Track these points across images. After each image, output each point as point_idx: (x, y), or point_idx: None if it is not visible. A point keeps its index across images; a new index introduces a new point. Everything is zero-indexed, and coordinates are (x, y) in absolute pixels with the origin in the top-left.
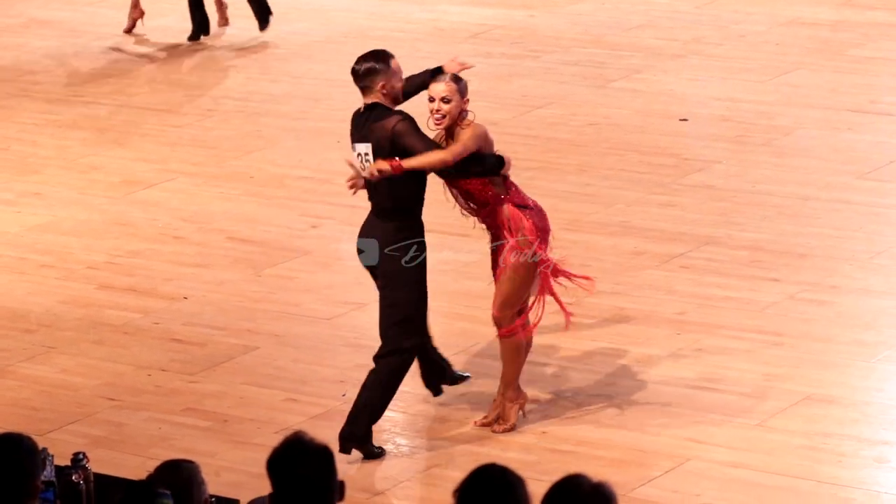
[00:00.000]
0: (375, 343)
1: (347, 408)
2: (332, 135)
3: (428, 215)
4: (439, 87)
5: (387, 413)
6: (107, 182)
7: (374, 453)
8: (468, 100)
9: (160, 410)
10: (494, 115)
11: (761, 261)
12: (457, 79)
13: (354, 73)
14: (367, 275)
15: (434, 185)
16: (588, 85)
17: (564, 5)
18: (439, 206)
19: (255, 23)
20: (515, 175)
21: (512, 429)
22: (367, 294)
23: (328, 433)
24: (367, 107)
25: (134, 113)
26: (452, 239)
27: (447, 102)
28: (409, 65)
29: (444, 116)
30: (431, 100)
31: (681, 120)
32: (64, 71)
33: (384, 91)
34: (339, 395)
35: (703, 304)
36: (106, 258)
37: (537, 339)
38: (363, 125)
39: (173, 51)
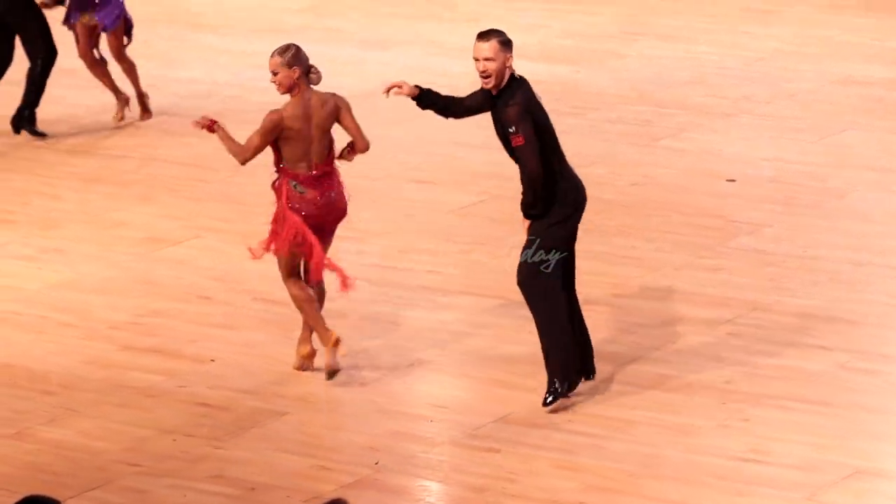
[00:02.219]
0: (409, 409)
1: (380, 477)
2: (366, 193)
3: (465, 279)
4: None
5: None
6: (131, 238)
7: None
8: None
9: (185, 477)
10: None
11: (811, 328)
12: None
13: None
14: (401, 338)
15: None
16: (633, 143)
17: (609, 61)
18: (479, 269)
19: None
20: None
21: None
22: (401, 359)
23: (360, 503)
24: None
25: (160, 167)
26: (493, 302)
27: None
28: (445, 121)
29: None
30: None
31: (728, 181)
32: (88, 122)
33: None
34: (371, 463)
35: (750, 372)
36: (129, 318)
37: (578, 410)
38: None
39: (201, 102)
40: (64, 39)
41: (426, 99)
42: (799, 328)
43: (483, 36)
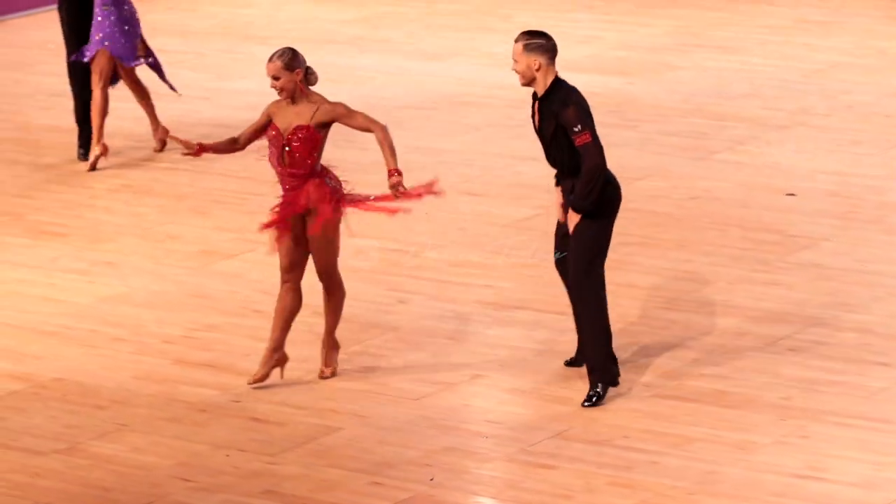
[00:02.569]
0: (464, 425)
1: (434, 493)
2: (421, 205)
3: (520, 293)
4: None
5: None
6: (184, 252)
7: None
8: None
9: (238, 493)
10: None
11: (871, 344)
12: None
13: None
14: (456, 353)
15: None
16: (689, 156)
17: (664, 72)
18: (534, 283)
19: (339, 87)
20: (614, 249)
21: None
22: (456, 374)
23: None
24: None
25: (213, 179)
26: (548, 317)
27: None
28: (501, 133)
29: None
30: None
31: (786, 194)
32: (140, 134)
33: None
34: (426, 479)
35: (808, 388)
36: (182, 332)
37: (635, 426)
38: None
39: (254, 115)
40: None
41: (579, 207)
42: (858, 344)
43: (517, 38)
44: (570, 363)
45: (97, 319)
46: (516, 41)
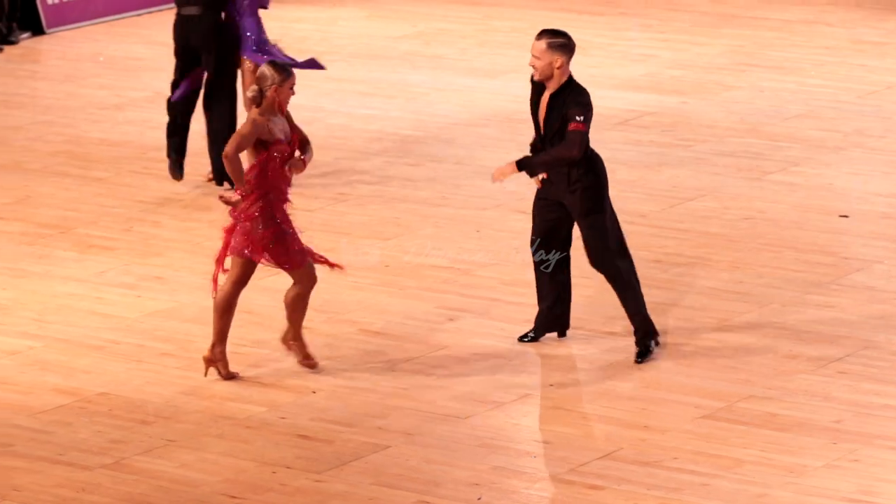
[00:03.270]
0: (513, 444)
1: None
2: (472, 223)
3: (574, 313)
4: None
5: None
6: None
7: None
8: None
9: None
10: (643, 207)
11: None
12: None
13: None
14: (506, 372)
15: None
16: (743, 177)
17: (719, 92)
18: (585, 303)
19: (391, 102)
20: (666, 270)
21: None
22: (505, 393)
23: None
24: None
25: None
26: (599, 337)
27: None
28: None
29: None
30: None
31: (840, 216)
32: (190, 148)
33: None
34: (474, 499)
35: (860, 411)
36: (230, 348)
37: (685, 447)
38: None
39: (306, 129)
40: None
41: (527, 164)
42: None
43: (539, 35)
44: (528, 338)
45: (145, 334)
46: (539, 38)
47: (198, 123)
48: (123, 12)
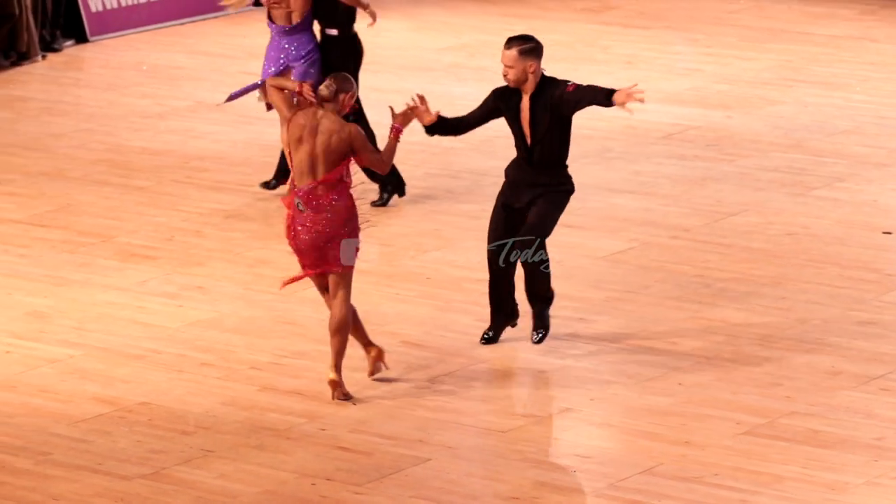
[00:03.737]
0: (553, 459)
1: None
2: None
3: (613, 327)
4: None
5: None
6: (274, 277)
7: None
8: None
9: None
10: (686, 221)
11: None
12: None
13: None
14: (547, 386)
15: None
16: (787, 192)
17: (764, 107)
18: (628, 317)
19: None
20: (708, 285)
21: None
22: (546, 407)
23: None
24: None
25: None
26: (641, 352)
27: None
28: (596, 165)
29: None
30: None
31: (884, 233)
32: (233, 158)
33: None
34: None
35: None
36: (270, 358)
37: (725, 463)
38: None
39: None
40: (208, 68)
41: (437, 127)
42: None
43: (507, 43)
44: (489, 339)
45: (185, 344)
46: (509, 48)
47: (244, 132)
48: (167, 21)
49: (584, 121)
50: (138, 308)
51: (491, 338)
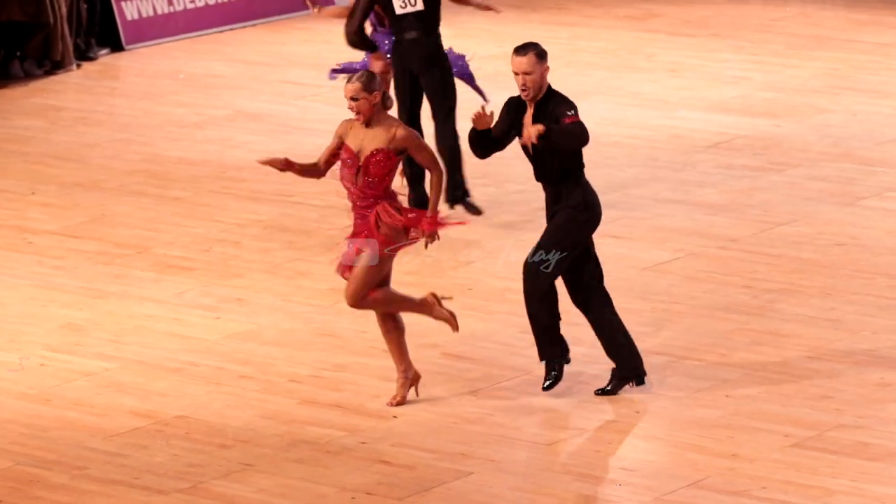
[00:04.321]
0: (597, 472)
1: None
2: None
3: (659, 338)
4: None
5: None
6: (314, 289)
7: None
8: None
9: None
10: (734, 231)
11: None
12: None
13: None
14: (591, 398)
15: None
16: (836, 202)
17: (812, 115)
18: (673, 328)
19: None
20: (756, 296)
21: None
22: (590, 419)
23: None
24: None
25: (343, 216)
26: (686, 363)
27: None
28: (643, 175)
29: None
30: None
31: None
32: (271, 168)
33: None
34: None
35: None
36: (310, 371)
37: (774, 476)
38: None
39: None
40: (246, 76)
41: (552, 131)
42: None
43: (520, 50)
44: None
45: (224, 357)
46: (524, 54)
47: (282, 141)
48: (204, 29)
49: (629, 129)
50: (175, 320)
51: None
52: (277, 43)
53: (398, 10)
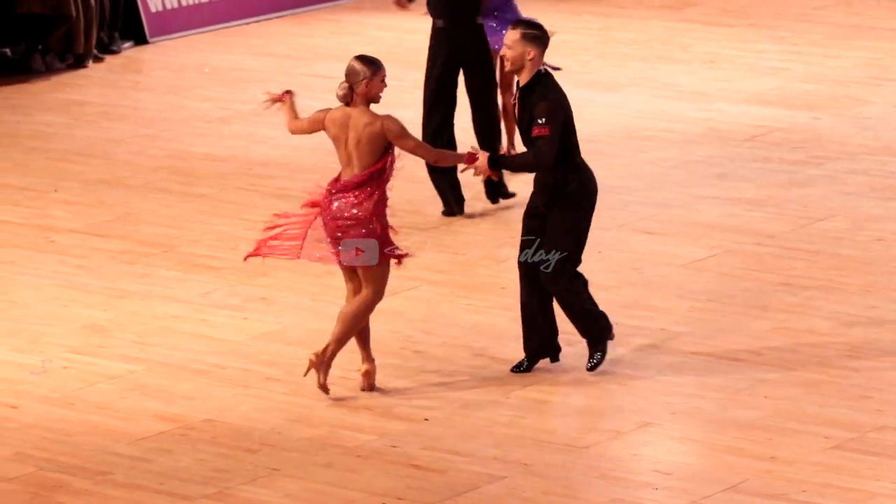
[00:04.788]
0: (632, 476)
1: None
2: (594, 244)
3: (695, 337)
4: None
5: None
6: (342, 288)
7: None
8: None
9: None
10: (771, 227)
11: None
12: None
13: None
14: (626, 400)
15: None
16: (876, 197)
17: (853, 107)
18: (710, 327)
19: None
20: (795, 293)
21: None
22: (625, 421)
23: None
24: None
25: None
26: (724, 363)
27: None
28: (679, 169)
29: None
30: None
31: None
32: (297, 164)
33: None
34: None
35: None
36: (338, 372)
37: (814, 479)
38: None
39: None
40: (274, 70)
41: (501, 163)
42: None
43: (514, 25)
44: (522, 367)
45: (250, 358)
46: (513, 28)
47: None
48: (230, 21)
49: (665, 122)
50: (201, 321)
51: (525, 367)
52: (304, 35)
53: None
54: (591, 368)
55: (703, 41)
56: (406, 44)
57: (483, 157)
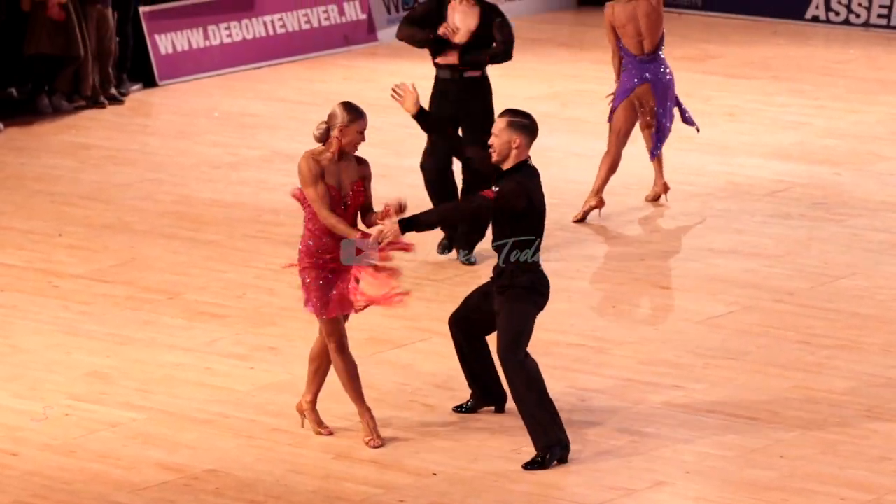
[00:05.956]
0: None
1: None
2: (609, 298)
3: (711, 396)
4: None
5: None
6: (351, 339)
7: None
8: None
9: None
10: (791, 284)
11: None
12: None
13: None
14: (639, 457)
15: None
16: None
17: (874, 163)
18: (727, 386)
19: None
20: (813, 352)
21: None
22: (638, 480)
23: None
24: None
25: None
26: (740, 423)
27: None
28: (699, 223)
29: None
30: None
31: None
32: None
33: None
34: None
35: None
36: (346, 424)
37: None
38: None
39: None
40: (284, 115)
41: (412, 223)
42: None
43: (502, 113)
44: (464, 408)
45: (256, 408)
46: (501, 116)
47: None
48: (240, 65)
49: (685, 175)
50: (206, 370)
51: (468, 408)
52: (316, 80)
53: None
54: (526, 467)
55: (724, 94)
56: (419, 91)
57: (391, 222)
